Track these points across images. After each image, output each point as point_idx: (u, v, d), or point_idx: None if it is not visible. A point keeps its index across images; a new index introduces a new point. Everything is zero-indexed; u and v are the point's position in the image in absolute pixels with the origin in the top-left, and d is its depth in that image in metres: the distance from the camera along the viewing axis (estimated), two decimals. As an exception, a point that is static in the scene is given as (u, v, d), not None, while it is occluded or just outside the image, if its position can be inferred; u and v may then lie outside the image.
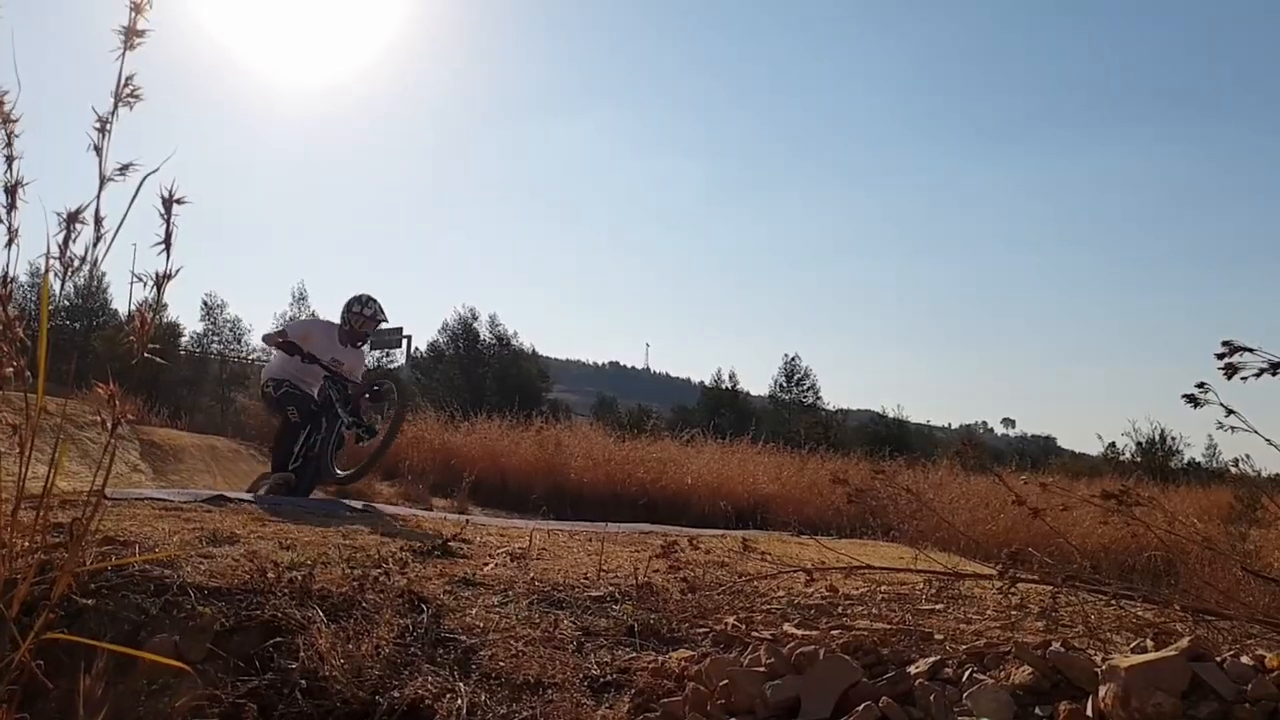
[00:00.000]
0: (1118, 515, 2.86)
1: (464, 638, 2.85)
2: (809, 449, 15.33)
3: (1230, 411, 2.83)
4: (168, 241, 1.93)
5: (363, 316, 7.15)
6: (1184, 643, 2.24)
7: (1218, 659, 2.21)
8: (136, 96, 1.97)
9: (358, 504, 5.80)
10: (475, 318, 25.62)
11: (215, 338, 22.80)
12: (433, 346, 26.30)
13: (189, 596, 2.80)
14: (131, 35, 1.98)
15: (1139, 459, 23.26)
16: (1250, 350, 2.40)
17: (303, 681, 2.48)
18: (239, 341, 22.84)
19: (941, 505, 9.49)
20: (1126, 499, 2.78)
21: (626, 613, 3.18)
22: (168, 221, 1.91)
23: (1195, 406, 2.68)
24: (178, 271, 1.94)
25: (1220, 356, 2.44)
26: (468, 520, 4.91)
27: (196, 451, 12.38)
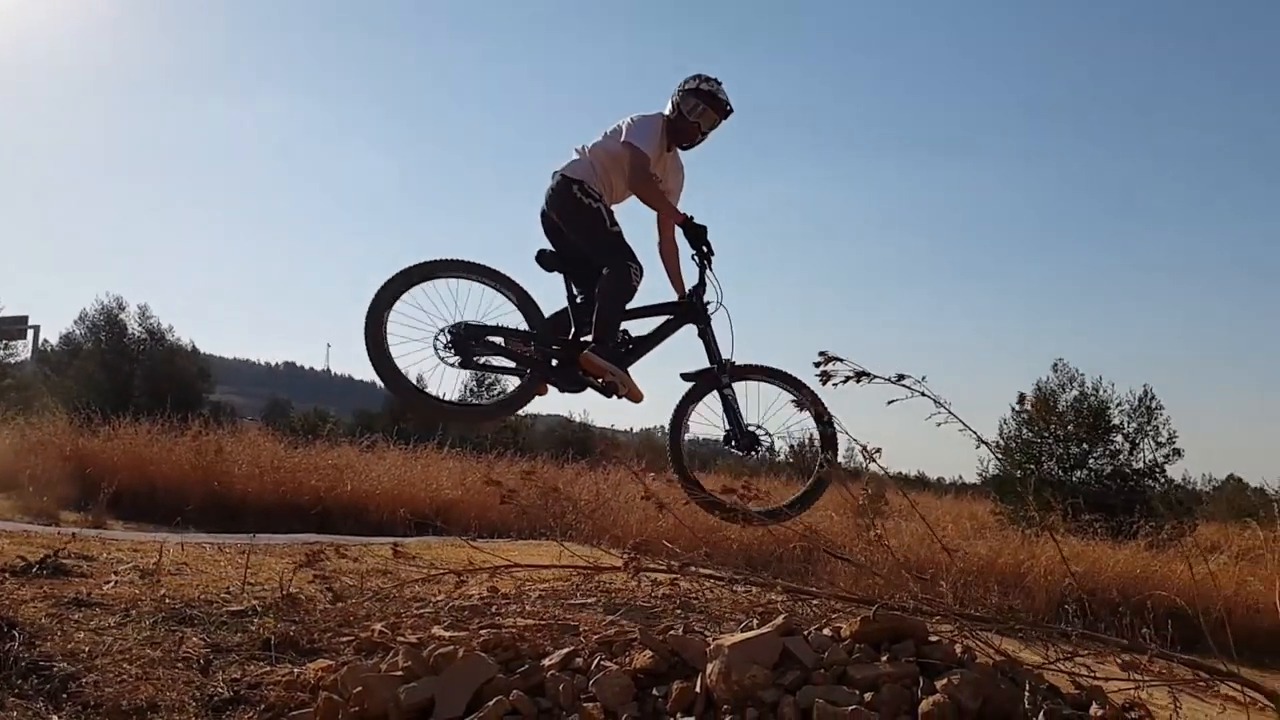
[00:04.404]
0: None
1: (64, 664, 2.54)
2: (497, 453, 15.38)
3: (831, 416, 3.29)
4: None
5: (715, 100, 4.37)
6: (779, 620, 2.55)
7: (805, 633, 2.54)
8: None
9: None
10: (122, 308, 22.88)
11: None
12: (67, 339, 23.16)
13: None
14: None
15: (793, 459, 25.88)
16: (840, 360, 2.78)
17: None
18: None
19: (619, 504, 9.98)
20: (745, 493, 3.10)
21: (266, 626, 3.01)
22: None
23: (800, 410, 3.08)
24: None
25: (817, 365, 2.80)
26: (75, 534, 4.37)
27: None
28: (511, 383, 4.35)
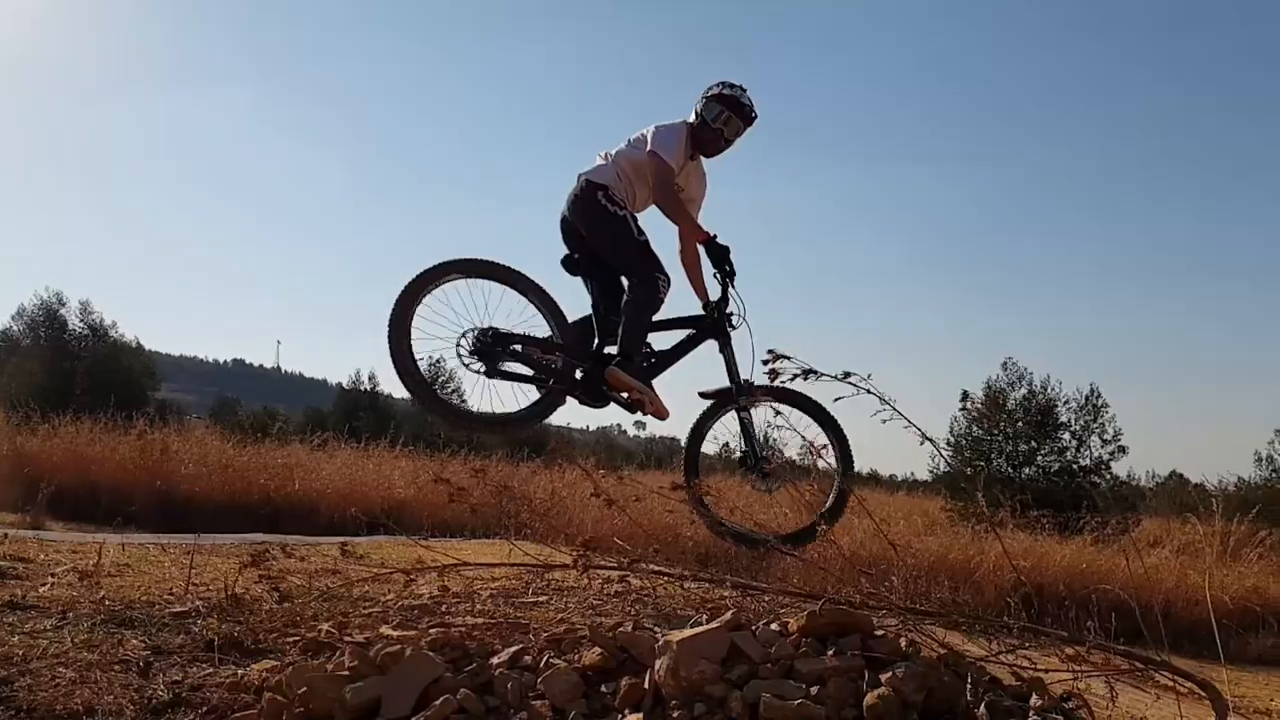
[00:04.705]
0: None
1: (-3, 669, 2.47)
2: (451, 452, 15.26)
3: (778, 413, 3.33)
4: None
5: (739, 107, 4.25)
6: (728, 615, 2.56)
7: (754, 628, 2.56)
8: None
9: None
10: (62, 303, 22.41)
11: None
12: (4, 335, 22.63)
13: None
14: None
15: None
16: (789, 358, 2.82)
17: None
18: None
19: (574, 504, 9.96)
20: (698, 492, 3.12)
21: (210, 627, 2.95)
22: None
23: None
24: None
25: (765, 363, 2.84)
26: (7, 535, 4.26)
27: None
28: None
